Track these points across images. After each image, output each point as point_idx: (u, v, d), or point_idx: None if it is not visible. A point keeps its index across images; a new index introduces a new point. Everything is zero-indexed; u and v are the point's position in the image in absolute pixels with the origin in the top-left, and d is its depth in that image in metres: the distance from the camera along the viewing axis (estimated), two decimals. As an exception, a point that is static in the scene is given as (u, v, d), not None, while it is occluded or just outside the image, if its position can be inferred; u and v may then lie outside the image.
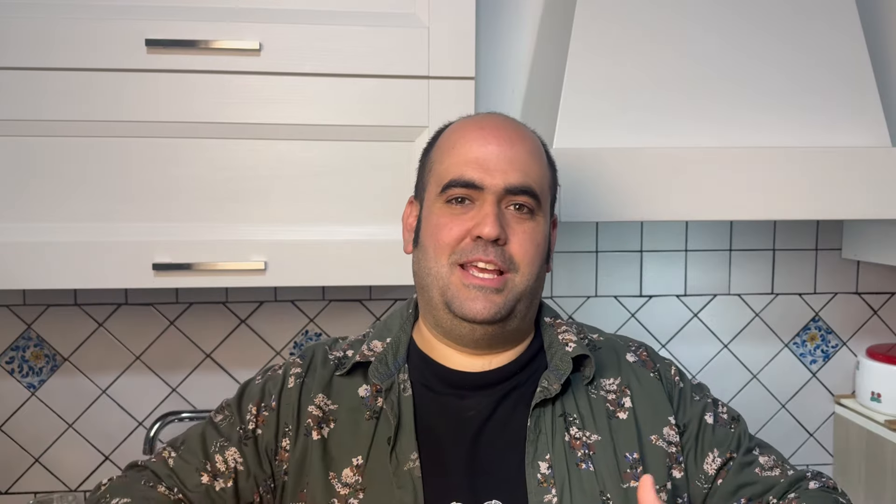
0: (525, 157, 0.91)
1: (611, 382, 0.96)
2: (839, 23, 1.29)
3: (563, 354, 0.93)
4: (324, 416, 0.93)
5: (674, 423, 0.95)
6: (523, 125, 0.96)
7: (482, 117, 0.96)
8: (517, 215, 0.90)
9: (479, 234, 0.87)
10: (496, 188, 0.88)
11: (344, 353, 0.98)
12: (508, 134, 0.92)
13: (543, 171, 0.94)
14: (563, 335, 0.96)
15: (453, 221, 0.89)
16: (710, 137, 1.24)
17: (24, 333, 1.48)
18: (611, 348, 1.00)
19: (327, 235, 1.20)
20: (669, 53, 1.27)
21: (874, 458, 1.54)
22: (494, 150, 0.89)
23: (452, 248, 0.89)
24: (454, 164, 0.90)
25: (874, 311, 1.66)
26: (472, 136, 0.91)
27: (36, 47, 1.12)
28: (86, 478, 1.51)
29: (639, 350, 1.01)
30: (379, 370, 0.92)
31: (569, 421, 0.91)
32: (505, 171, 0.89)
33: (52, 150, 1.15)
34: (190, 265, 1.17)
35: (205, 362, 1.53)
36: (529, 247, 0.90)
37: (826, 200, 1.21)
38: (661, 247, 1.61)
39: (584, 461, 0.89)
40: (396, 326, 0.98)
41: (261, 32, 1.15)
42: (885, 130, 1.26)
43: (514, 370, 0.94)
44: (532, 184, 0.90)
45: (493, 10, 1.51)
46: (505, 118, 0.96)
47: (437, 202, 0.91)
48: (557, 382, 0.90)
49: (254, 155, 1.19)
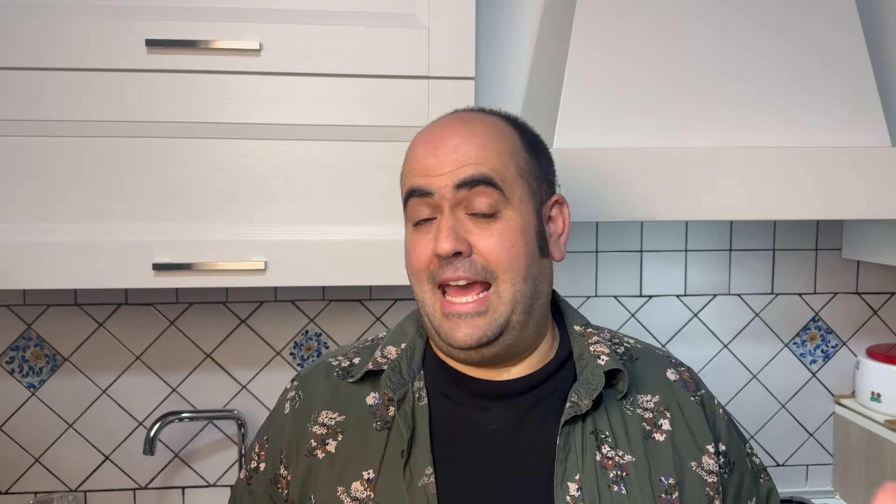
0: (476, 153, 0.83)
1: (648, 399, 0.89)
2: (839, 22, 1.29)
3: (594, 367, 0.86)
4: (329, 430, 0.88)
5: (712, 452, 0.89)
6: (482, 115, 0.89)
7: (432, 125, 0.89)
8: (479, 220, 0.83)
9: (436, 252, 0.82)
10: (445, 189, 0.82)
11: (350, 361, 0.94)
12: (455, 135, 0.84)
13: (506, 159, 0.84)
14: (594, 346, 0.89)
15: (419, 244, 0.85)
16: (710, 137, 1.24)
17: (24, 333, 1.48)
18: (650, 361, 0.94)
19: (327, 235, 1.20)
20: (669, 53, 1.27)
21: (874, 458, 1.54)
22: (439, 153, 0.84)
23: (426, 271, 0.84)
24: (406, 177, 0.87)
25: (874, 311, 1.66)
26: (417, 146, 0.87)
27: (36, 47, 1.12)
28: (86, 478, 1.52)
29: (680, 368, 0.95)
30: (392, 379, 0.87)
31: (600, 439, 0.85)
32: (452, 171, 0.82)
33: (53, 150, 1.15)
34: (190, 265, 1.17)
35: (205, 362, 1.53)
36: (501, 250, 0.82)
37: (826, 200, 1.20)
38: (661, 247, 1.61)
39: (616, 483, 0.83)
40: (412, 331, 0.93)
41: (261, 32, 1.15)
42: (885, 130, 1.26)
43: (538, 380, 0.88)
44: (488, 172, 0.82)
45: (493, 10, 1.51)
46: (457, 117, 0.89)
47: (408, 225, 0.87)
48: (588, 398, 0.84)
49: (254, 155, 1.19)
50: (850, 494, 1.62)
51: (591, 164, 1.17)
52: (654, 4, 1.27)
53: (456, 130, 0.85)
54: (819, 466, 1.68)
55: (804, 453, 1.67)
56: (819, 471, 1.68)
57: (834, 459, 1.67)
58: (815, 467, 1.68)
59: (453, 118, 0.89)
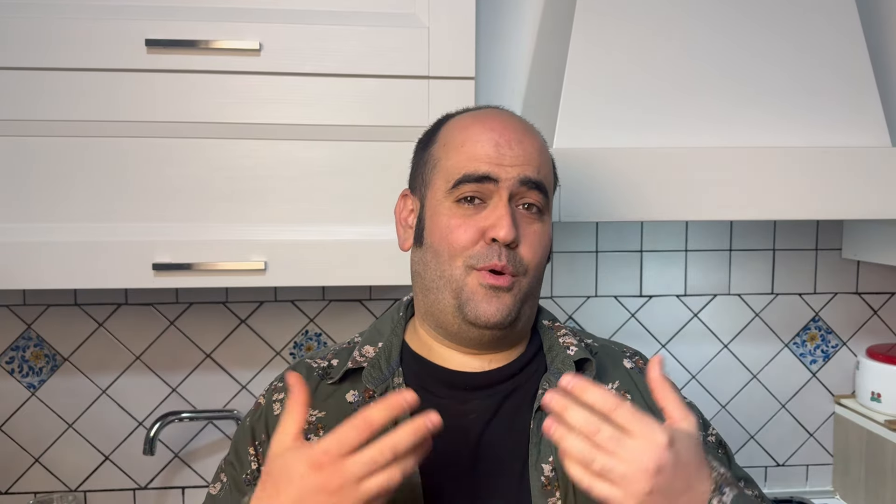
0: (535, 153, 0.89)
1: (610, 387, 0.94)
2: (839, 22, 1.29)
3: (564, 357, 0.92)
4: (310, 426, 0.89)
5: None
6: (528, 121, 0.95)
7: (489, 113, 0.93)
8: (528, 215, 0.88)
9: (494, 237, 0.85)
10: (511, 181, 0.86)
11: (329, 362, 0.95)
12: (520, 130, 0.90)
13: (549, 169, 0.92)
14: (563, 338, 0.95)
15: (466, 222, 0.86)
16: (710, 137, 1.24)
17: (24, 333, 1.48)
18: (607, 354, 0.99)
19: (327, 235, 1.20)
20: (669, 53, 1.27)
21: (874, 458, 1.54)
22: (507, 144, 0.87)
23: (467, 251, 0.86)
24: (465, 159, 0.87)
25: (874, 311, 1.66)
26: (482, 130, 0.89)
27: (36, 47, 1.12)
28: (86, 478, 1.52)
29: (634, 357, 1.00)
30: (373, 374, 0.90)
31: None
32: (520, 164, 0.86)
33: (53, 150, 1.15)
34: (190, 265, 1.17)
35: (205, 362, 1.53)
36: (538, 249, 0.88)
37: (826, 200, 1.21)
38: (661, 247, 1.61)
39: None
40: (388, 330, 0.96)
41: (261, 32, 1.15)
42: (885, 130, 1.26)
43: (513, 371, 0.92)
44: (543, 180, 0.89)
45: (493, 10, 1.51)
46: (511, 114, 0.94)
47: (446, 201, 0.88)
48: None
49: (254, 155, 1.19)
50: (850, 494, 1.62)
51: (591, 164, 1.17)
52: (654, 4, 1.27)
53: (517, 126, 0.91)
54: (819, 466, 1.68)
55: (804, 453, 1.67)
56: (819, 471, 1.68)
57: (834, 459, 1.67)
58: (815, 467, 1.68)
59: (504, 112, 0.94)
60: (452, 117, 0.95)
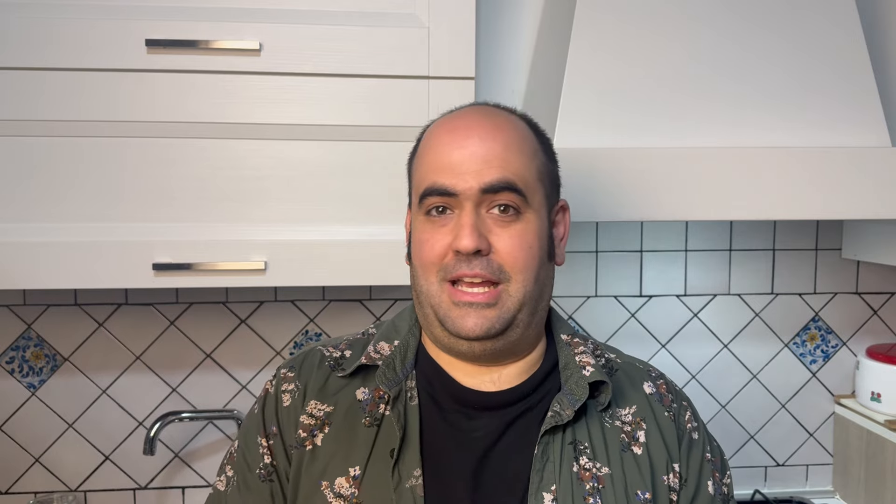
0: (501, 152, 0.82)
1: (626, 412, 0.89)
2: (839, 22, 1.29)
3: (579, 378, 0.86)
4: (317, 421, 0.87)
5: (677, 470, 0.88)
6: (504, 113, 0.89)
7: (455, 116, 0.88)
8: (501, 218, 0.82)
9: (456, 249, 0.81)
10: (471, 192, 0.81)
11: (342, 353, 0.92)
12: (482, 130, 0.83)
13: (528, 161, 0.85)
14: (580, 356, 0.89)
15: (434, 236, 0.83)
16: (710, 137, 1.24)
17: (24, 333, 1.48)
18: (628, 374, 0.93)
19: (327, 235, 1.20)
20: (670, 53, 1.27)
21: (874, 458, 1.54)
22: (466, 150, 0.82)
23: (437, 265, 0.83)
24: (428, 171, 0.84)
25: (874, 311, 1.66)
26: (443, 140, 0.84)
27: (36, 47, 1.12)
28: (86, 478, 1.52)
29: (658, 381, 0.94)
30: (387, 375, 0.86)
31: (579, 450, 0.84)
32: (479, 171, 0.81)
33: (53, 149, 1.15)
34: (190, 265, 1.17)
35: (205, 362, 1.53)
36: (519, 252, 0.82)
37: (826, 200, 1.20)
38: (661, 247, 1.61)
39: (591, 495, 0.82)
40: (405, 329, 0.92)
41: (261, 32, 1.15)
42: (885, 130, 1.26)
43: (527, 391, 0.87)
44: (512, 178, 0.82)
45: (493, 10, 1.51)
46: (481, 111, 0.88)
47: (419, 215, 0.85)
48: (571, 408, 0.84)
49: (254, 155, 1.19)
50: (850, 494, 1.62)
51: (591, 164, 1.17)
52: (655, 5, 1.28)
53: (481, 123, 0.84)
54: (819, 466, 1.68)
55: (804, 453, 1.67)
56: (819, 471, 1.68)
57: (834, 459, 1.67)
58: (815, 467, 1.68)
59: (475, 110, 0.88)
60: (432, 124, 0.90)
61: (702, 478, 0.89)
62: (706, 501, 0.88)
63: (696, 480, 0.89)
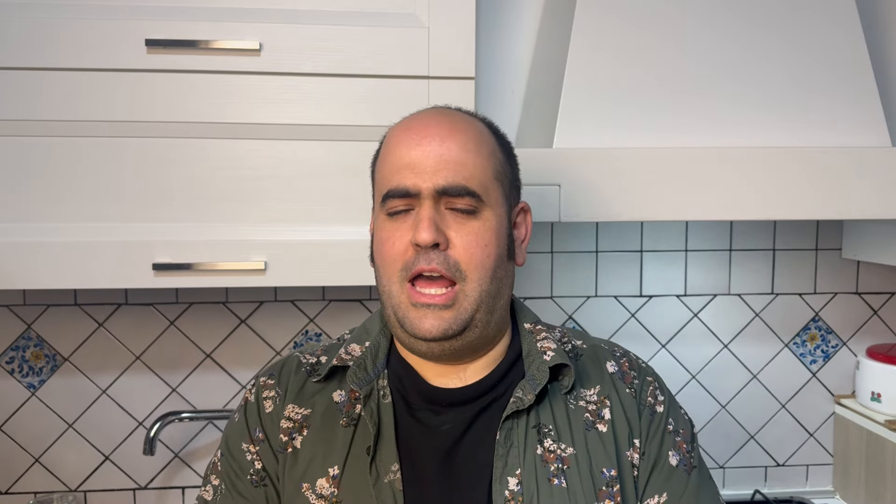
0: (456, 153, 0.84)
1: (591, 393, 0.91)
2: (839, 22, 1.29)
3: (540, 363, 0.88)
4: (295, 424, 0.89)
5: (637, 444, 0.89)
6: (461, 114, 0.91)
7: (412, 117, 0.90)
8: (458, 215, 0.84)
9: (415, 242, 0.82)
10: (428, 192, 0.83)
11: (318, 358, 0.94)
12: (439, 129, 0.85)
13: (484, 162, 0.86)
14: (542, 342, 0.91)
15: (395, 234, 0.85)
16: (710, 137, 1.24)
17: (24, 333, 1.48)
18: (591, 357, 0.95)
19: (327, 235, 1.20)
20: (670, 53, 1.27)
21: (874, 458, 1.54)
22: (423, 149, 0.84)
23: (400, 262, 0.84)
24: (388, 172, 0.86)
25: (874, 311, 1.66)
26: (400, 140, 0.86)
27: (36, 47, 1.12)
28: (86, 478, 1.52)
29: (621, 359, 0.95)
30: (358, 375, 0.88)
31: (543, 433, 0.86)
32: (434, 171, 0.83)
33: (52, 149, 1.15)
34: (190, 265, 1.17)
35: (205, 362, 1.53)
36: (475, 250, 0.83)
37: (826, 200, 1.20)
38: (661, 247, 1.61)
39: (556, 476, 0.84)
40: (376, 330, 0.94)
41: (261, 32, 1.15)
42: (885, 130, 1.27)
43: (491, 383, 0.89)
44: (466, 181, 0.83)
45: (493, 10, 1.51)
46: (438, 112, 0.90)
47: (381, 215, 0.87)
48: (532, 392, 0.85)
49: (254, 155, 1.19)
50: (850, 494, 1.62)
51: (591, 164, 1.17)
52: (654, 4, 1.28)
53: (439, 122, 0.86)
54: (819, 466, 1.68)
55: (804, 453, 1.67)
56: (819, 471, 1.68)
57: (834, 459, 1.67)
58: (815, 467, 1.68)
59: (432, 111, 0.91)
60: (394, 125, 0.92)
61: (662, 449, 0.90)
62: (667, 473, 0.89)
63: (655, 452, 0.90)
